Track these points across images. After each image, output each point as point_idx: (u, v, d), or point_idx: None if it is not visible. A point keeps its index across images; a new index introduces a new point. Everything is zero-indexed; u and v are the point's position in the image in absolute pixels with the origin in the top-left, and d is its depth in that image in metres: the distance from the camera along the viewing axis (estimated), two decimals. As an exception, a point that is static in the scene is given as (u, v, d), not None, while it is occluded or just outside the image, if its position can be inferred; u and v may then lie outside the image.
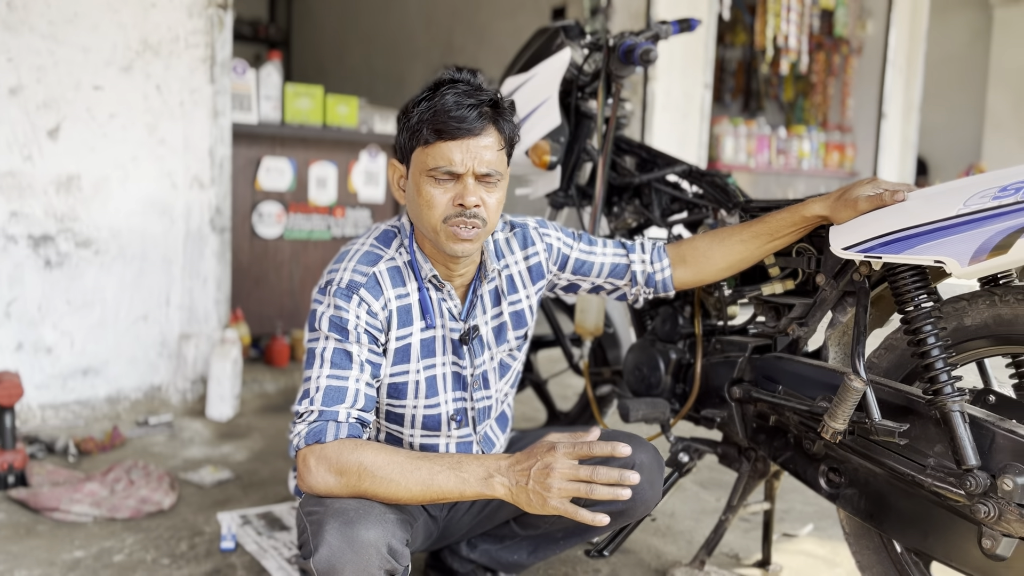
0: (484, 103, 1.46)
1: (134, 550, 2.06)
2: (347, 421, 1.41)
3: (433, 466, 1.36)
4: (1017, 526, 1.32)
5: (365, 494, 1.36)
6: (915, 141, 6.85)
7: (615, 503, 1.59)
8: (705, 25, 4.93)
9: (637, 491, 1.65)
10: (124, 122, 2.97)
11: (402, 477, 1.35)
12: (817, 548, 2.23)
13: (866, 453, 1.55)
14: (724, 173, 2.02)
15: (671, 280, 1.81)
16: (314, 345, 1.48)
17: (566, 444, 1.35)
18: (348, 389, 1.44)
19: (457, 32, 6.73)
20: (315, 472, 1.37)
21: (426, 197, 1.46)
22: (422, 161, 1.46)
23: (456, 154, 1.43)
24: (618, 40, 2.13)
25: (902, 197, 1.48)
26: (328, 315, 1.48)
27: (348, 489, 1.36)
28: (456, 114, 1.43)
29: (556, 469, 1.32)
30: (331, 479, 1.36)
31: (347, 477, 1.36)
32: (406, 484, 1.35)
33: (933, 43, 7.26)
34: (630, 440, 1.70)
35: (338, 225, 4.03)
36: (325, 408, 1.41)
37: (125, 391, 3.08)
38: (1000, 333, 1.45)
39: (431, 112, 1.44)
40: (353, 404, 1.43)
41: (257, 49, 9.20)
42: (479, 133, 1.45)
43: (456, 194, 1.45)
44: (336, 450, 1.37)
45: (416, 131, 1.46)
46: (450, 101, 1.44)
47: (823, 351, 1.77)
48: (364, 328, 1.48)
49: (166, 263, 3.12)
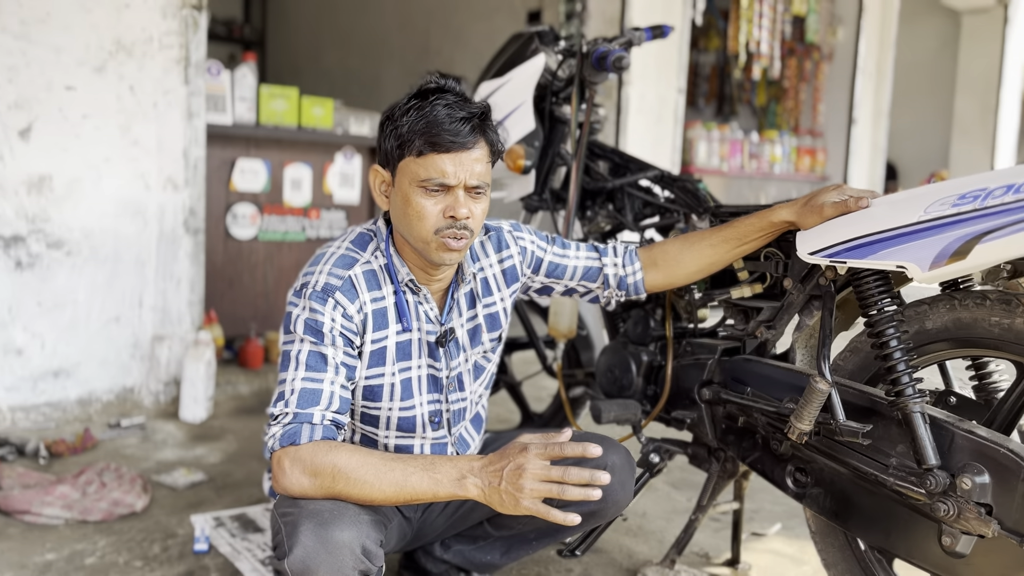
0: (475, 116, 1.47)
1: (106, 552, 2.05)
2: (321, 423, 1.42)
3: (407, 467, 1.38)
4: (975, 524, 1.36)
5: (339, 496, 1.37)
6: (884, 146, 6.97)
7: (587, 503, 1.62)
8: (678, 31, 4.98)
9: (609, 492, 1.67)
10: (97, 123, 2.96)
11: (376, 479, 1.36)
12: (785, 547, 2.27)
13: (831, 453, 1.59)
14: (695, 178, 2.06)
15: (642, 283, 1.84)
16: (289, 348, 1.49)
17: (538, 445, 1.37)
18: (323, 391, 1.45)
19: (433, 34, 6.74)
20: (289, 474, 1.38)
21: (416, 208, 1.47)
22: (413, 172, 1.47)
23: (449, 167, 1.45)
24: (591, 47, 2.15)
25: (866, 203, 1.52)
26: (303, 318, 1.48)
27: (322, 491, 1.37)
28: (450, 127, 1.44)
29: (528, 470, 1.34)
30: (305, 480, 1.37)
31: (321, 479, 1.37)
32: (380, 486, 1.36)
33: (902, 50, 7.38)
34: (602, 441, 1.72)
35: (313, 227, 4.03)
36: (300, 410, 1.42)
37: (97, 393, 3.06)
38: (960, 336, 1.49)
39: (423, 123, 1.45)
40: (328, 406, 1.44)
41: (231, 49, 9.14)
42: (471, 147, 1.46)
43: (447, 206, 1.47)
44: (310, 452, 1.38)
45: (408, 141, 1.46)
46: (442, 113, 1.45)
47: (790, 353, 1.81)
48: (339, 331, 1.49)
49: (139, 264, 3.10)
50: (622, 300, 1.89)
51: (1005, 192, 1.31)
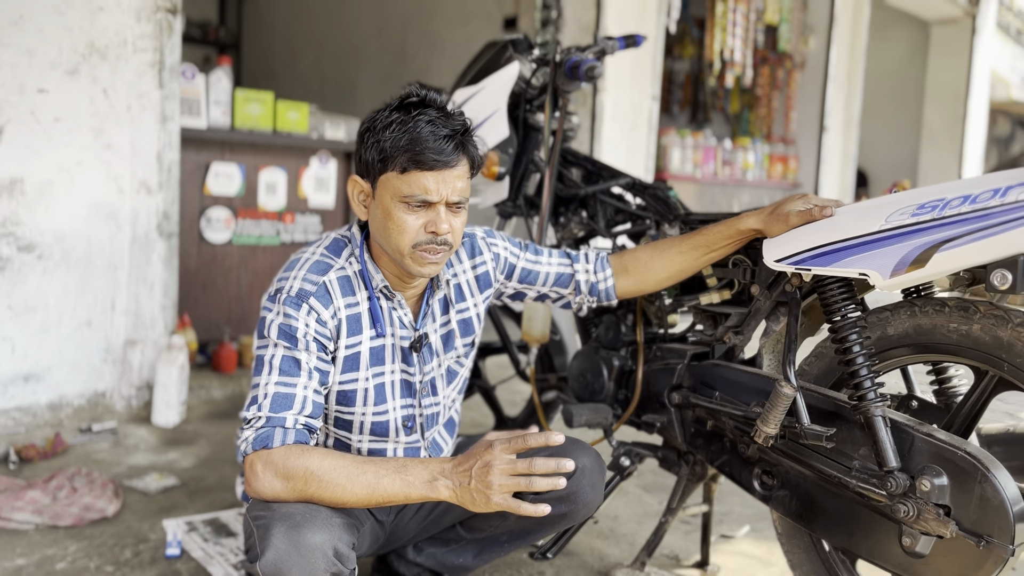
0: (458, 132, 1.49)
1: (77, 558, 2.05)
2: (294, 427, 1.44)
3: (379, 470, 1.39)
4: (934, 525, 1.40)
5: (311, 499, 1.38)
6: (855, 154, 7.07)
7: (559, 505, 1.65)
8: (653, 39, 5.03)
9: (580, 493, 1.70)
10: (70, 126, 2.94)
11: (348, 481, 1.38)
12: (753, 549, 2.30)
13: (796, 456, 1.62)
14: (666, 186, 2.09)
15: (614, 289, 1.87)
16: (263, 352, 1.50)
17: (502, 441, 1.39)
18: (296, 396, 1.46)
19: (409, 39, 6.75)
20: (262, 477, 1.39)
21: (397, 223, 1.49)
22: (395, 187, 1.48)
23: (432, 184, 1.47)
24: (564, 56, 2.18)
25: (830, 212, 1.56)
26: (277, 323, 1.50)
27: (295, 494, 1.38)
28: (434, 146, 1.45)
29: (495, 466, 1.36)
30: (278, 484, 1.39)
31: (293, 482, 1.38)
32: (352, 488, 1.38)
33: (873, 60, 7.50)
34: (572, 444, 1.75)
35: (287, 231, 4.02)
36: (273, 414, 1.43)
37: (68, 397, 3.04)
38: (920, 342, 1.53)
39: (407, 140, 1.46)
40: (301, 411, 1.45)
41: (206, 52, 9.10)
42: (454, 164, 1.48)
43: (428, 221, 1.49)
44: (283, 455, 1.40)
45: (390, 157, 1.47)
46: (426, 131, 1.46)
47: (758, 358, 1.84)
48: (313, 336, 1.50)
49: (112, 268, 3.09)
50: (594, 306, 1.92)
51: (962, 203, 1.35)
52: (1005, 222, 1.29)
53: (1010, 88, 10.78)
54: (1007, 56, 10.71)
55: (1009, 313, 1.40)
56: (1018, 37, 10.70)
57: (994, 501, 1.34)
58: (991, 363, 1.43)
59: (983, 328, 1.43)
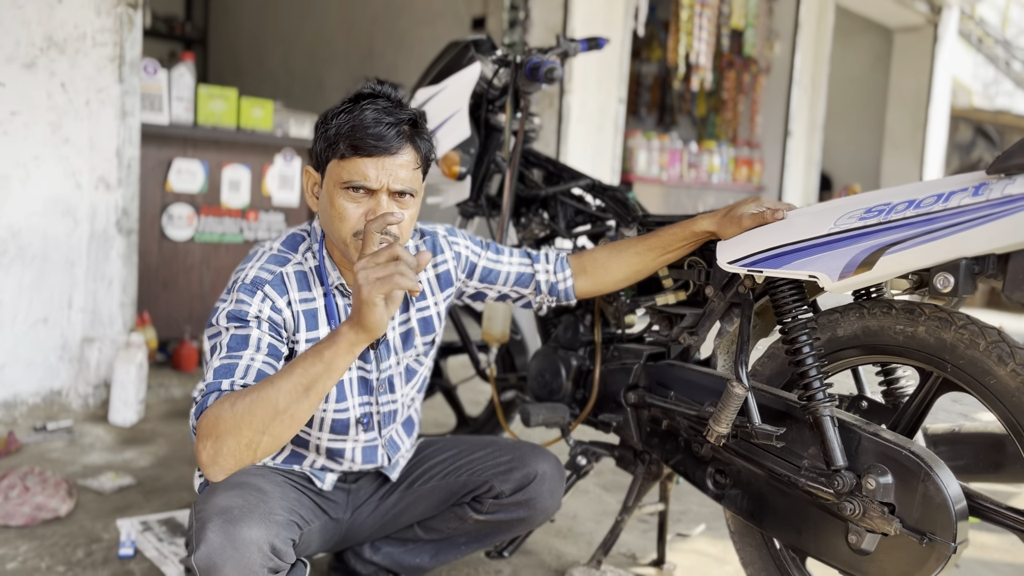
0: (403, 122, 1.48)
1: (28, 558, 2.02)
2: (231, 389, 1.35)
3: (294, 367, 1.30)
4: (879, 522, 1.42)
5: (252, 443, 1.28)
6: (819, 158, 7.16)
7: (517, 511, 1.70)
8: (620, 41, 5.07)
9: (538, 500, 1.72)
10: (26, 120, 2.90)
11: (275, 392, 1.28)
12: (709, 547, 2.33)
13: (748, 455, 1.64)
14: (624, 188, 2.11)
15: (573, 290, 1.88)
16: (214, 340, 1.46)
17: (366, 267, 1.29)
18: (239, 365, 1.38)
19: (377, 38, 6.73)
20: (201, 444, 1.30)
21: (339, 209, 1.47)
22: (337, 174, 1.48)
23: (371, 170, 1.45)
24: (525, 57, 2.19)
25: (782, 215, 1.58)
26: (228, 310, 1.46)
27: (236, 447, 1.28)
28: (374, 131, 1.44)
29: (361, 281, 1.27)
30: (210, 444, 1.28)
31: (224, 429, 1.27)
32: (281, 397, 1.27)
33: (836, 65, 7.60)
34: (532, 450, 1.77)
35: (251, 228, 3.99)
36: (212, 381, 1.36)
37: (22, 396, 2.99)
38: (868, 343, 1.56)
39: (349, 126, 1.45)
40: (243, 376, 1.37)
41: (172, 47, 8.99)
42: (396, 152, 1.46)
43: (369, 209, 1.46)
44: (211, 411, 1.30)
45: (333, 143, 1.47)
46: (369, 117, 1.45)
47: (712, 359, 1.86)
48: (266, 318, 1.47)
49: (69, 265, 3.04)
50: (553, 305, 1.93)
51: (907, 207, 1.38)
52: (948, 227, 1.33)
53: (972, 95, 10.98)
54: (969, 64, 10.91)
55: (952, 316, 1.44)
56: (979, 45, 10.91)
57: (936, 499, 1.37)
58: (935, 364, 1.46)
59: (928, 330, 1.46)
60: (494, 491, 1.73)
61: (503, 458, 1.76)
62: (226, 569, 1.29)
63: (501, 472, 1.74)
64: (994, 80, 11.72)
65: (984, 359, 1.38)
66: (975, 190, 1.31)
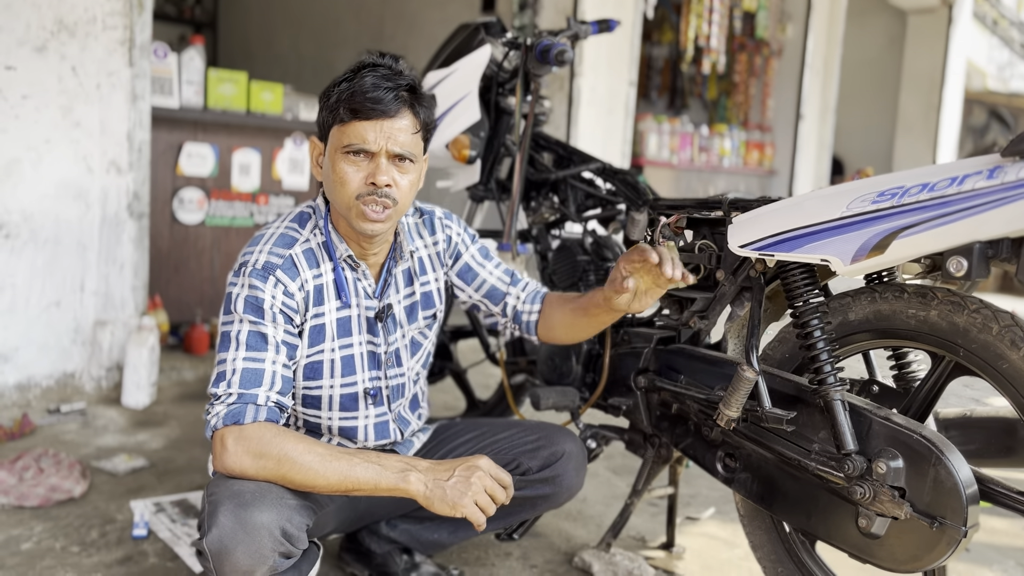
0: (401, 87, 1.51)
1: (43, 538, 2.04)
2: (266, 404, 1.44)
3: (353, 458, 1.41)
4: (890, 506, 1.42)
5: (281, 479, 1.39)
6: (831, 142, 7.11)
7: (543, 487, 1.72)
8: (631, 24, 5.03)
9: (564, 478, 1.73)
10: (37, 103, 2.90)
11: (321, 466, 1.39)
12: (719, 530, 2.33)
13: (758, 439, 1.64)
14: (635, 172, 2.10)
15: (535, 326, 1.84)
16: (229, 328, 1.50)
17: (489, 462, 1.48)
18: (265, 371, 1.46)
19: (387, 20, 6.70)
20: (232, 452, 1.39)
21: (339, 174, 1.50)
22: (338, 139, 1.51)
23: (370, 133, 1.48)
24: (536, 40, 2.18)
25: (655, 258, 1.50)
26: (243, 296, 1.49)
27: (264, 472, 1.38)
28: (372, 95, 1.47)
29: (483, 469, 1.45)
30: (248, 461, 1.38)
31: (266, 460, 1.38)
32: (324, 473, 1.38)
33: (849, 48, 7.54)
34: (558, 431, 1.78)
35: (261, 212, 4.00)
36: (244, 391, 1.43)
37: (36, 378, 3.01)
38: (880, 327, 1.56)
39: (349, 92, 1.49)
40: (271, 387, 1.46)
41: (182, 30, 8.97)
42: (394, 115, 1.49)
43: (369, 173, 1.50)
44: (257, 433, 1.40)
45: (334, 110, 1.51)
46: (368, 83, 1.49)
47: (723, 343, 1.86)
48: (280, 308, 1.51)
49: (81, 248, 3.06)
50: (516, 335, 1.91)
51: (920, 190, 1.37)
52: (962, 210, 1.31)
53: (986, 78, 10.88)
54: (984, 46, 10.80)
55: (965, 300, 1.43)
56: (994, 27, 10.79)
57: (947, 484, 1.37)
58: (947, 348, 1.45)
59: (940, 314, 1.45)
60: (521, 467, 1.74)
61: (530, 437, 1.77)
62: (237, 553, 1.30)
63: (529, 450, 1.75)
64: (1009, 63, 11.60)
65: (997, 343, 1.38)
66: (990, 173, 1.30)
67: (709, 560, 2.16)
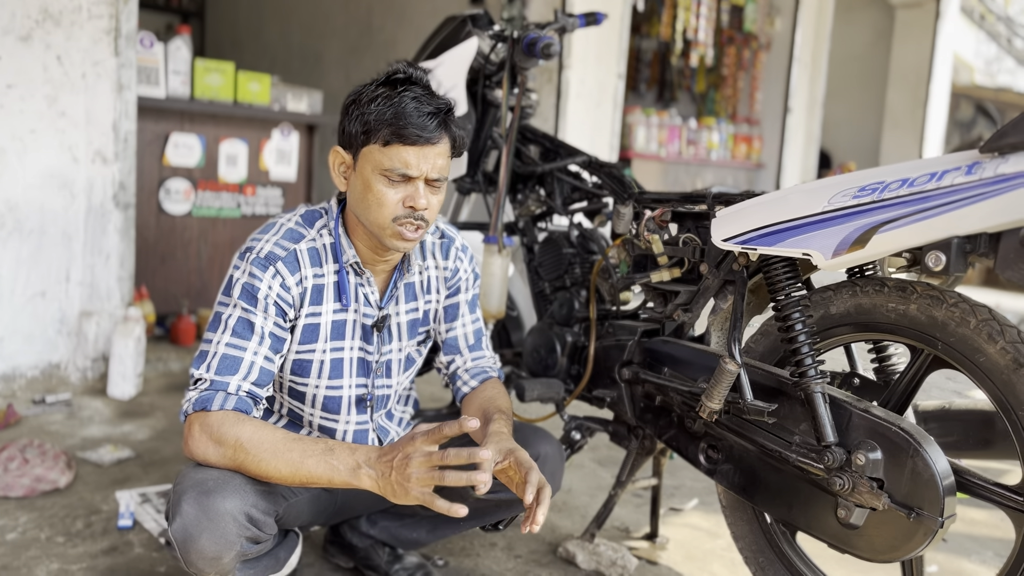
0: (441, 111, 1.50)
1: (28, 528, 2.04)
2: (236, 393, 1.45)
3: (306, 450, 1.37)
4: (868, 497, 1.44)
5: (239, 468, 1.39)
6: (818, 135, 7.14)
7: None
8: (619, 16, 5.03)
9: None
10: (22, 93, 2.89)
11: (272, 457, 1.37)
12: (702, 521, 2.36)
13: (740, 431, 1.66)
14: (621, 165, 2.11)
15: (461, 396, 1.80)
16: (222, 310, 1.51)
17: (423, 432, 1.33)
18: (244, 360, 1.47)
19: (376, 11, 6.67)
20: (196, 439, 1.40)
21: (377, 195, 1.50)
22: (377, 160, 1.49)
23: (413, 158, 1.48)
24: (522, 32, 2.18)
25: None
26: (242, 282, 1.51)
27: (225, 460, 1.39)
28: (417, 121, 1.46)
29: (414, 458, 1.31)
30: (210, 448, 1.39)
31: (224, 448, 1.39)
32: (275, 464, 1.36)
33: (837, 41, 7.56)
34: (535, 433, 1.77)
35: (248, 203, 3.99)
36: (217, 377, 1.44)
37: (21, 369, 3.01)
38: (861, 321, 1.57)
39: (392, 113, 1.47)
40: (246, 377, 1.46)
41: (169, 19, 8.91)
42: (436, 141, 1.49)
43: (407, 196, 1.49)
44: (219, 420, 1.40)
45: (374, 130, 1.48)
46: (411, 106, 1.47)
47: (706, 336, 1.88)
48: (274, 299, 1.51)
49: (66, 239, 3.05)
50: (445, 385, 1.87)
51: (900, 185, 1.38)
52: (940, 205, 1.33)
53: (973, 73, 10.94)
54: (971, 41, 10.85)
55: (944, 294, 1.45)
56: (982, 22, 10.84)
57: (925, 475, 1.39)
58: (926, 342, 1.47)
59: (919, 308, 1.47)
60: None
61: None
62: (202, 540, 1.32)
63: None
64: (996, 57, 11.66)
65: (974, 337, 1.40)
66: (968, 169, 1.31)
67: (692, 550, 2.18)
